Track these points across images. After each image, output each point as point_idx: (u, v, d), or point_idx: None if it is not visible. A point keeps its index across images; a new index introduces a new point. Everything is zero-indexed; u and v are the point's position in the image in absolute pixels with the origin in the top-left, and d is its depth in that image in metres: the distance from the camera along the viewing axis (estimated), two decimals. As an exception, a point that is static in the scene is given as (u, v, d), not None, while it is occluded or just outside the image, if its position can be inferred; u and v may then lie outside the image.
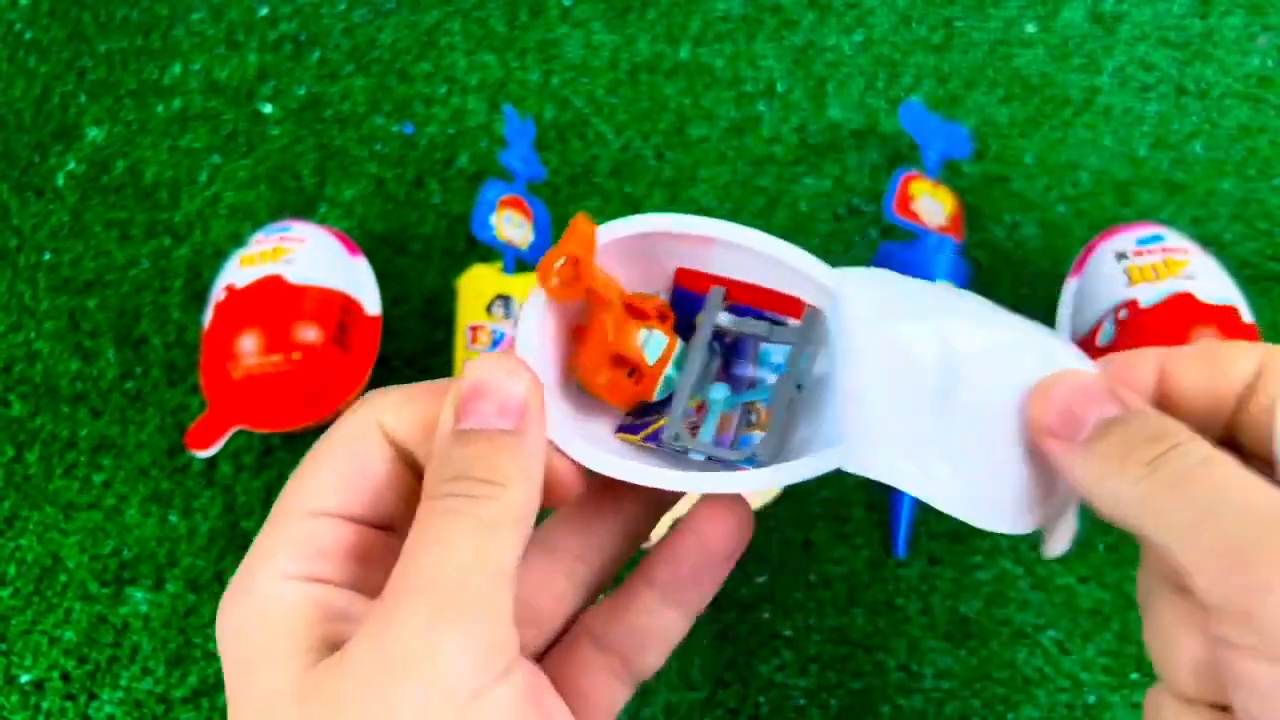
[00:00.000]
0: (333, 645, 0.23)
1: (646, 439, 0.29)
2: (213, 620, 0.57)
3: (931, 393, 0.26)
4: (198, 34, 0.70)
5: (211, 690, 0.53)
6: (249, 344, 0.54)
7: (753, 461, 0.28)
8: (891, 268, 0.30)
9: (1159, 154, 0.64)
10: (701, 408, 0.30)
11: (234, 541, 0.56)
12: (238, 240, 0.61)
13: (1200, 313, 0.52)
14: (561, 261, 0.27)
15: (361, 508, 0.26)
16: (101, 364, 0.60)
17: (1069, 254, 0.59)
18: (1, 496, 0.58)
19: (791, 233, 0.63)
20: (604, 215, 0.64)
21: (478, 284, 0.57)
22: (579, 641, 0.29)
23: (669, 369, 0.30)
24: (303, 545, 0.24)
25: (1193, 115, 0.65)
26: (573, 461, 0.26)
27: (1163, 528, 0.22)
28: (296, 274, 0.55)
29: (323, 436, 0.26)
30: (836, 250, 0.62)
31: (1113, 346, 0.53)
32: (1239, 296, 0.53)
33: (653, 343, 0.29)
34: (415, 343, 0.60)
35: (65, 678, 0.54)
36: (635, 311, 0.29)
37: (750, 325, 0.30)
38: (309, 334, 0.54)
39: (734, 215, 0.64)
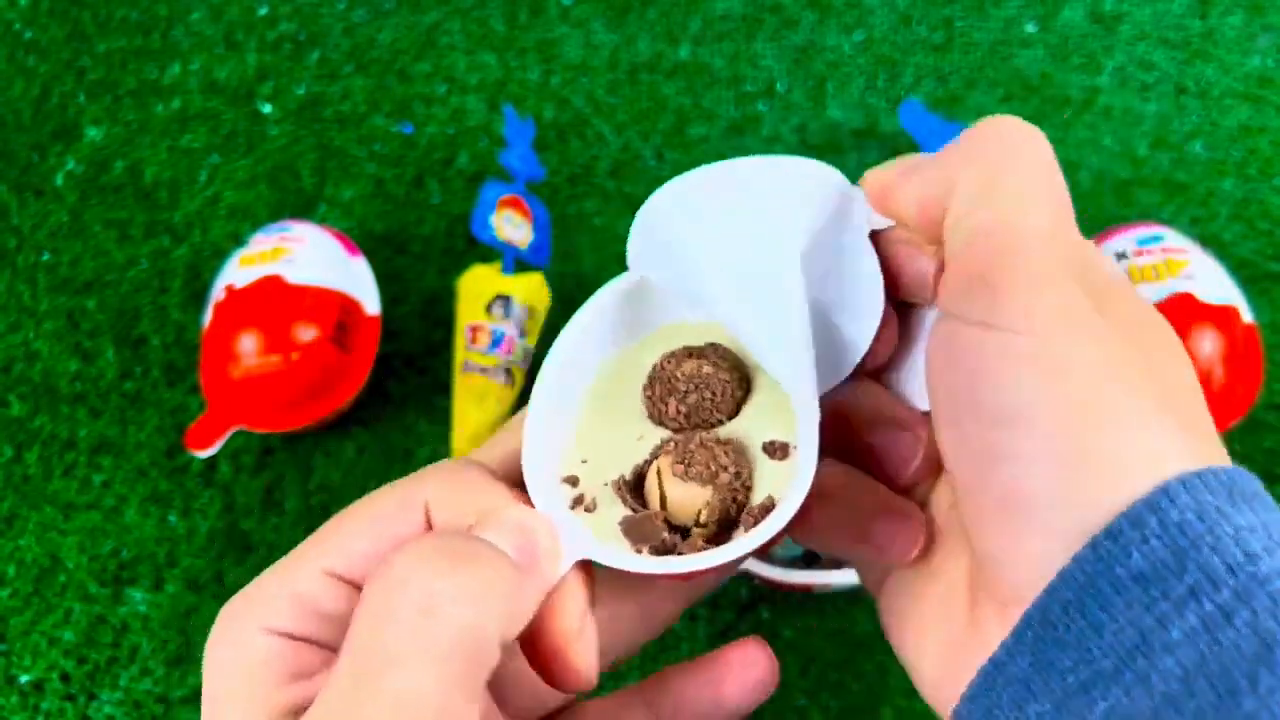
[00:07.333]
0: (299, 710, 0.22)
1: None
2: (212, 621, 0.57)
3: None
4: (197, 34, 0.70)
5: (211, 691, 0.53)
6: (248, 344, 0.54)
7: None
8: None
9: (1159, 154, 0.64)
10: None
11: (233, 542, 0.56)
12: (237, 240, 0.61)
13: (1200, 313, 0.52)
14: None
15: None
16: (101, 364, 0.60)
17: (1069, 254, 0.59)
18: (1, 497, 0.57)
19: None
20: (604, 215, 0.64)
21: (477, 284, 0.57)
22: None
23: None
24: (307, 604, 0.24)
25: (1193, 115, 0.65)
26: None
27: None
28: (296, 274, 0.55)
29: (366, 499, 0.25)
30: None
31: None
32: (1239, 296, 0.53)
33: None
34: (415, 343, 0.60)
35: (65, 678, 0.54)
36: None
37: None
38: (308, 334, 0.54)
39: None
